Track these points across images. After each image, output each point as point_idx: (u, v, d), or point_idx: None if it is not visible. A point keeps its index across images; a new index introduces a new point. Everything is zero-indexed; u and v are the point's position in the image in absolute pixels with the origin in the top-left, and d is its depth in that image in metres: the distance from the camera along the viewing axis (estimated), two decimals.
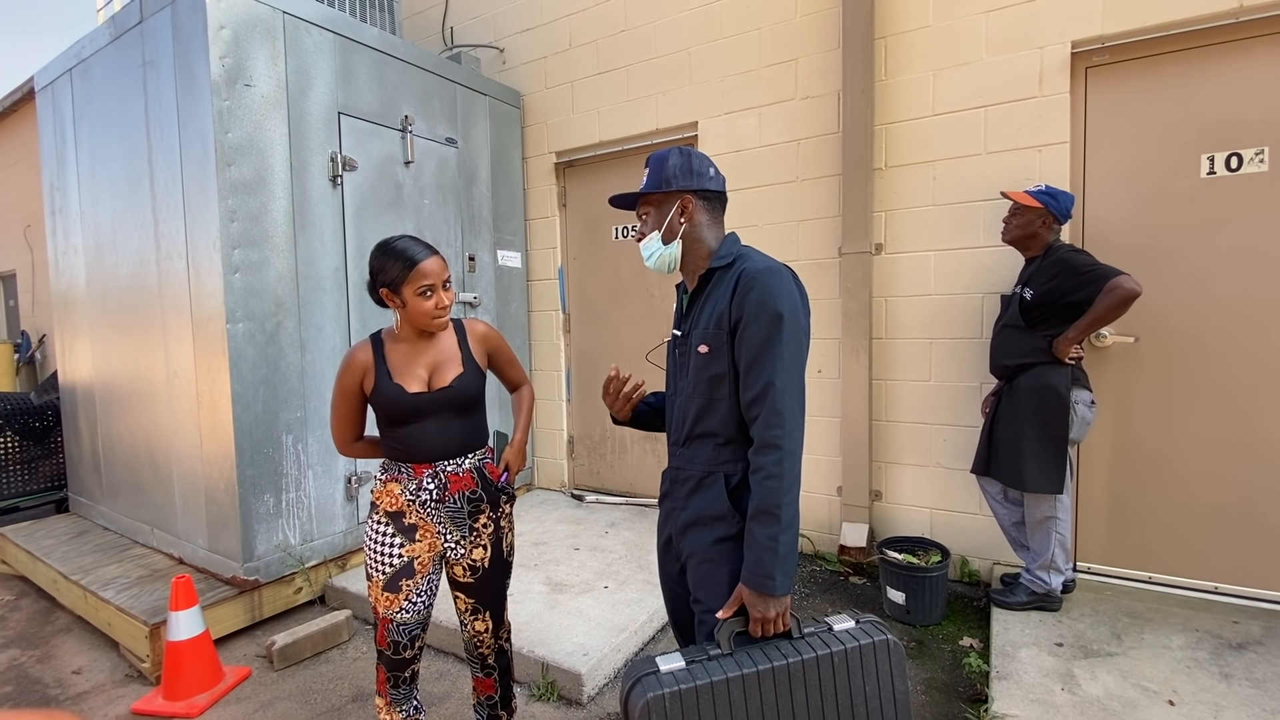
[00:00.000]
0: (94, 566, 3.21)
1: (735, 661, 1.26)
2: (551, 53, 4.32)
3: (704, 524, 1.42)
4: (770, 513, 1.27)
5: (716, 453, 1.42)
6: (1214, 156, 2.68)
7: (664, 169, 1.45)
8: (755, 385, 1.31)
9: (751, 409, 1.33)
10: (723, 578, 1.38)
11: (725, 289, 1.39)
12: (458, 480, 1.75)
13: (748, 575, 1.29)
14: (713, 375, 1.40)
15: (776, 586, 1.26)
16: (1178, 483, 2.80)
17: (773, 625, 1.29)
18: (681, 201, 1.45)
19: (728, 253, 1.45)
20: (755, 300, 1.32)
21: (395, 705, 1.83)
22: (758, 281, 1.33)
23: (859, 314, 3.28)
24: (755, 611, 1.28)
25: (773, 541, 1.26)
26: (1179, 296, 2.76)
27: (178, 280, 3.04)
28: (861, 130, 3.21)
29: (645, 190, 1.48)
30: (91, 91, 3.50)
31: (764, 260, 1.40)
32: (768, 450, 1.29)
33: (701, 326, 1.42)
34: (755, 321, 1.32)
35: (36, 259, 7.25)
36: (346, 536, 3.30)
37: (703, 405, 1.42)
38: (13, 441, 4.39)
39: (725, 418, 1.40)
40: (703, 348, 1.41)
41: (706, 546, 1.41)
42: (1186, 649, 2.33)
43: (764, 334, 1.31)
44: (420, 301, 1.66)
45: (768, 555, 1.26)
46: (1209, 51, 2.67)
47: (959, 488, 3.16)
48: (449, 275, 1.72)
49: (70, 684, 2.60)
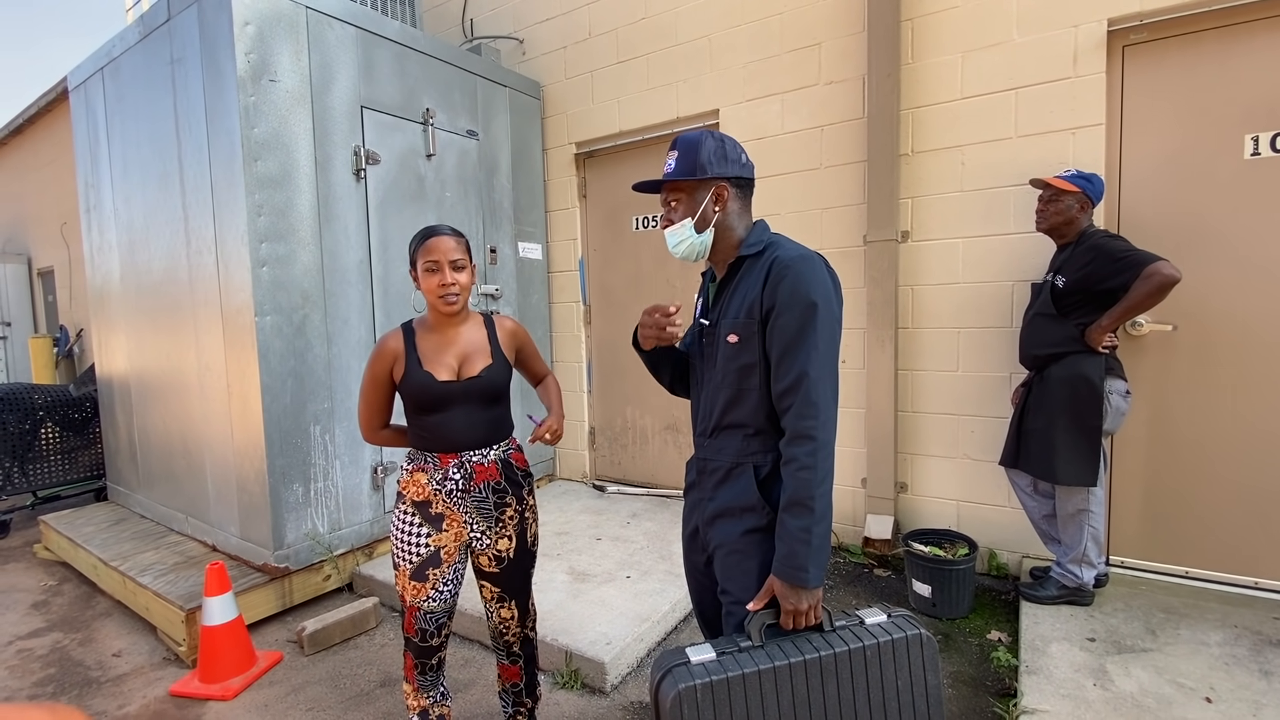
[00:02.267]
0: (132, 553, 3.31)
1: (766, 654, 1.25)
2: (571, 43, 4.30)
3: (732, 515, 1.41)
4: (803, 504, 1.26)
5: (746, 443, 1.40)
6: (1258, 137, 2.57)
7: (698, 154, 1.39)
8: (788, 375, 1.29)
9: (784, 399, 1.31)
10: (751, 569, 1.37)
11: (756, 277, 1.37)
12: (483, 470, 1.76)
13: (780, 567, 1.27)
14: (742, 365, 1.37)
15: (809, 579, 1.25)
16: (1217, 475, 2.71)
17: (804, 618, 1.28)
18: (716, 190, 1.40)
19: (758, 240, 1.42)
20: (788, 288, 1.30)
21: (423, 691, 1.86)
22: (790, 269, 1.31)
23: (884, 303, 3.23)
24: (787, 604, 1.27)
25: (806, 533, 1.25)
26: (1220, 283, 2.66)
27: (207, 274, 3.10)
28: (887, 115, 3.15)
29: (677, 176, 1.41)
30: (122, 90, 3.57)
31: (796, 248, 1.37)
32: (801, 441, 1.27)
33: (731, 316, 1.40)
34: (788, 310, 1.29)
35: (73, 255, 7.45)
36: (373, 525, 3.35)
37: (732, 395, 1.40)
38: (53, 432, 4.53)
39: (755, 408, 1.38)
40: (732, 337, 1.38)
41: (735, 538, 1.40)
42: (1224, 645, 2.27)
43: (797, 323, 1.29)
44: (428, 277, 1.69)
45: (800, 547, 1.25)
46: (1254, 27, 2.56)
47: (987, 480, 3.11)
48: (461, 258, 1.71)
49: (111, 666, 2.69)
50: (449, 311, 1.72)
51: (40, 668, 2.69)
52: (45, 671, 2.66)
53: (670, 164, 1.43)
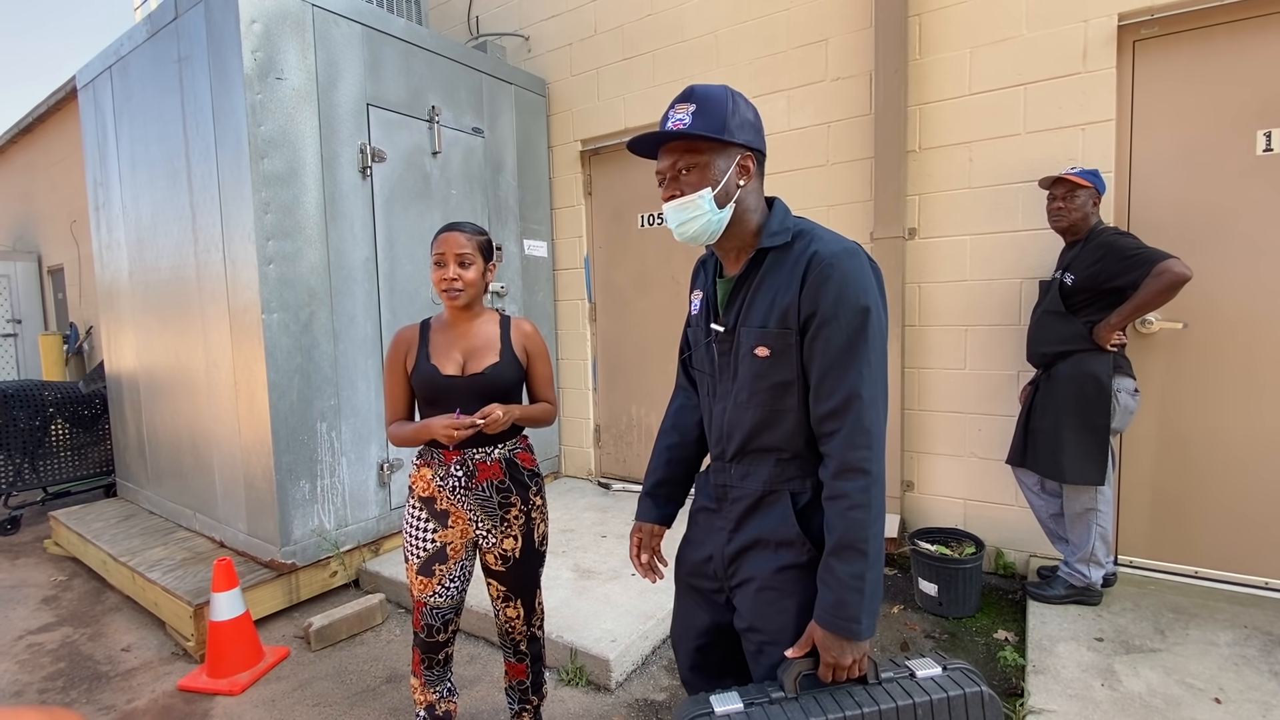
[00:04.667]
0: (141, 549, 3.33)
1: (801, 707, 1.09)
2: (577, 39, 4.29)
3: (765, 548, 1.21)
4: (855, 547, 1.07)
5: (780, 469, 1.20)
6: (1270, 133, 2.54)
7: (723, 112, 1.12)
8: (834, 396, 1.09)
9: (828, 423, 1.11)
10: (789, 608, 1.19)
11: (789, 276, 1.14)
12: (485, 468, 1.76)
13: (826, 616, 1.09)
14: (776, 384, 1.16)
15: (861, 631, 1.08)
16: (1227, 474, 2.69)
17: (847, 672, 1.11)
18: (743, 159, 1.16)
19: (782, 227, 1.18)
20: (834, 292, 1.08)
21: (430, 686, 1.87)
22: (836, 268, 1.09)
23: (891, 301, 3.21)
24: (829, 655, 1.10)
25: (859, 580, 1.07)
26: (1231, 280, 2.64)
27: (215, 272, 3.12)
28: (894, 112, 3.13)
29: (700, 132, 1.11)
30: (130, 88, 3.59)
31: (836, 239, 1.14)
32: (853, 475, 1.08)
33: (757, 323, 1.16)
34: (835, 319, 1.08)
35: (83, 253, 7.51)
36: (379, 522, 3.36)
37: (762, 417, 1.19)
38: (63, 429, 4.57)
39: (792, 431, 1.17)
40: (761, 350, 1.15)
41: (770, 574, 1.20)
42: (1234, 646, 2.25)
43: (846, 335, 1.08)
44: (435, 270, 1.72)
45: (852, 596, 1.07)
46: (1265, 21, 2.53)
47: (994, 478, 3.09)
48: (468, 254, 1.71)
49: (120, 661, 2.71)
50: (451, 305, 1.75)
51: (50, 662, 2.71)
52: (55, 666, 2.69)
53: (684, 118, 1.12)
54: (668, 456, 1.48)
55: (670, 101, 1.19)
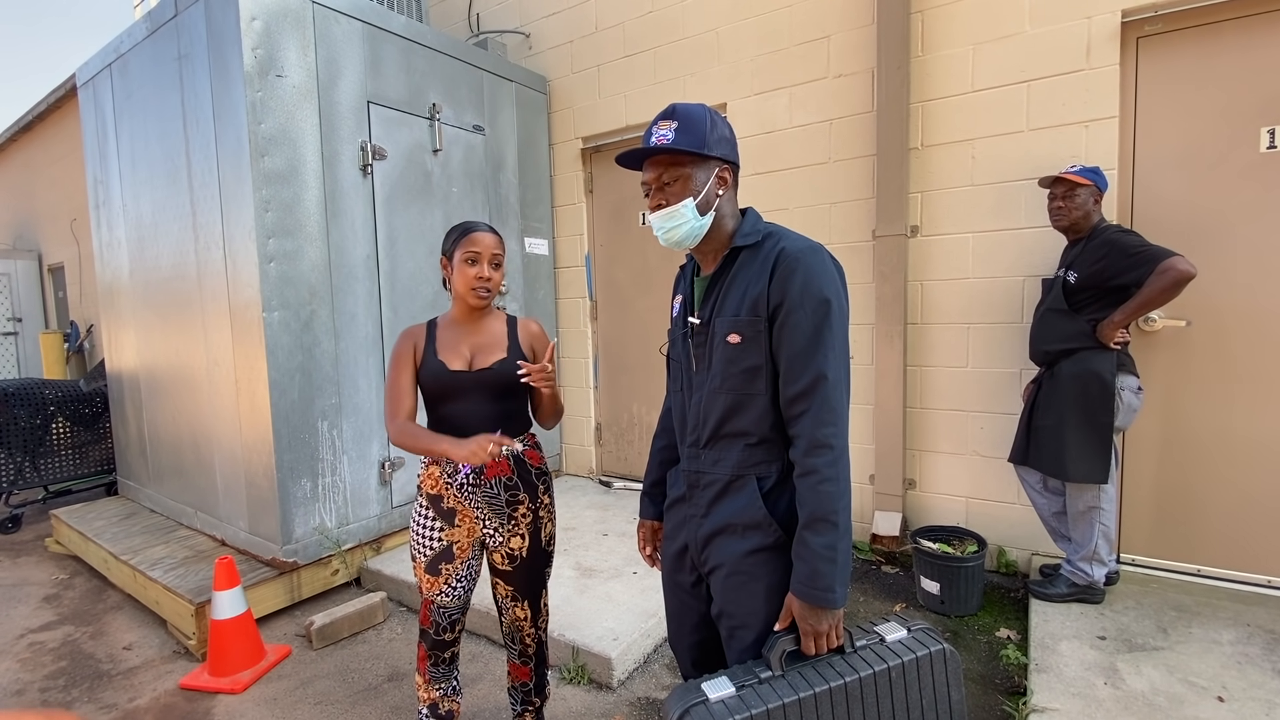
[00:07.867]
0: (142, 547, 3.33)
1: (788, 684, 1.17)
2: (578, 36, 4.28)
3: (733, 533, 1.29)
4: (827, 519, 1.15)
5: (748, 454, 1.28)
6: (1274, 130, 2.53)
7: (702, 130, 1.24)
8: (802, 378, 1.18)
9: (796, 404, 1.19)
10: (758, 592, 1.26)
11: (758, 270, 1.24)
12: (493, 466, 1.76)
13: (802, 588, 1.17)
14: (746, 368, 1.25)
15: (836, 599, 1.16)
16: (1230, 473, 2.69)
17: (826, 641, 1.19)
18: (720, 171, 1.28)
19: (753, 230, 1.30)
20: (799, 283, 1.19)
21: (434, 683, 1.87)
22: (801, 262, 1.20)
23: (893, 298, 3.21)
24: (807, 626, 1.18)
25: (831, 550, 1.15)
26: (1235, 278, 2.63)
27: (216, 270, 3.11)
28: (897, 109, 3.12)
29: (683, 147, 1.23)
30: (131, 86, 3.58)
31: (801, 239, 1.26)
32: (820, 451, 1.16)
33: (730, 313, 1.26)
34: (800, 308, 1.18)
35: (83, 251, 7.50)
36: (381, 520, 3.36)
37: (733, 401, 1.27)
38: (64, 427, 4.57)
39: (760, 415, 1.25)
40: (733, 337, 1.25)
41: (738, 558, 1.28)
42: (1237, 644, 2.25)
43: (812, 321, 1.18)
44: (465, 268, 1.72)
45: (825, 566, 1.15)
46: (1271, 18, 2.51)
47: (996, 477, 3.08)
48: (500, 255, 1.76)
49: (121, 659, 2.71)
50: (478, 304, 1.76)
51: (52, 661, 2.71)
52: (57, 665, 2.68)
53: (667, 134, 1.24)
54: (661, 458, 1.58)
55: (654, 117, 1.30)
